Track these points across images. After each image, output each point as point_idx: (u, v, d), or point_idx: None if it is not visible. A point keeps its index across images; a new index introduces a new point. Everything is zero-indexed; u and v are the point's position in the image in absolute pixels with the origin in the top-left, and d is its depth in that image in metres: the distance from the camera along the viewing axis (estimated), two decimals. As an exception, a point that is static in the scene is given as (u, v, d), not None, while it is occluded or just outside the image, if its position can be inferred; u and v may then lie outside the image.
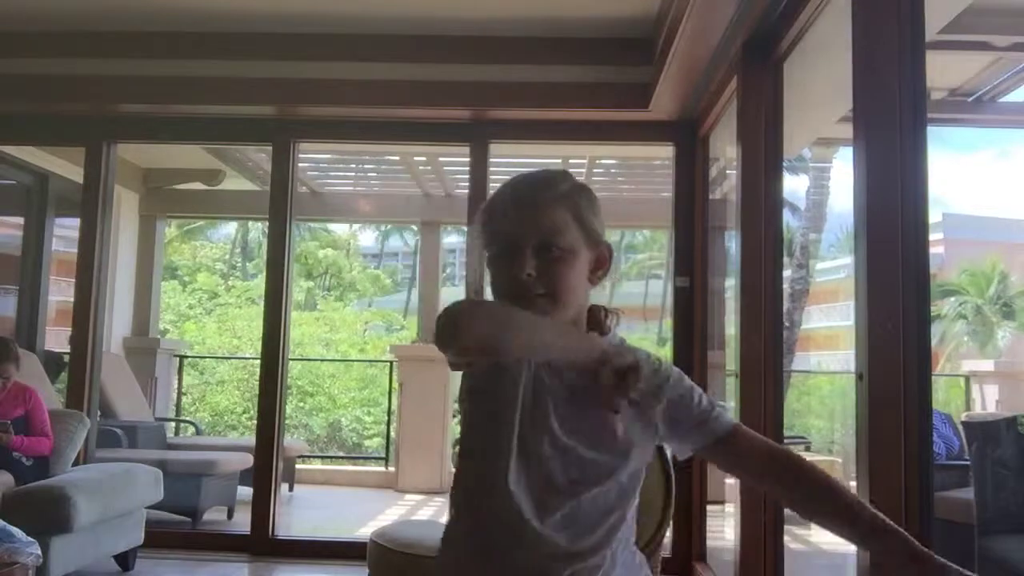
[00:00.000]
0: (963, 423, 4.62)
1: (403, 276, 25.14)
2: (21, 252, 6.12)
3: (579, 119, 4.56)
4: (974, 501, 3.53)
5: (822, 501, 1.26)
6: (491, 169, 4.69)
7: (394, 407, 7.82)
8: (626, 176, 7.18)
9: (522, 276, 1.25)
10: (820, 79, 3.59)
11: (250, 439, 5.32)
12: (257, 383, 4.75)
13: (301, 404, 10.82)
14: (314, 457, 9.35)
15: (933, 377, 2.12)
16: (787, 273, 9.36)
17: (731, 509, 3.22)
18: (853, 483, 2.12)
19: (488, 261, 1.32)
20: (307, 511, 6.45)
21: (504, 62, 4.37)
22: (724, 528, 4.03)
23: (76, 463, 4.19)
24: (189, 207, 8.45)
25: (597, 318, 1.35)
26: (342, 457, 9.98)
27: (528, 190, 1.32)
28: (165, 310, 12.52)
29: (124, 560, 4.05)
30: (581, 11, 4.10)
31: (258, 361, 4.71)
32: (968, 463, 3.85)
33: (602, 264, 1.33)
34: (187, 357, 9.47)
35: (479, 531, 1.31)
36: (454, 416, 7.27)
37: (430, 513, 6.39)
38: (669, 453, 1.73)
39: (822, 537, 6.00)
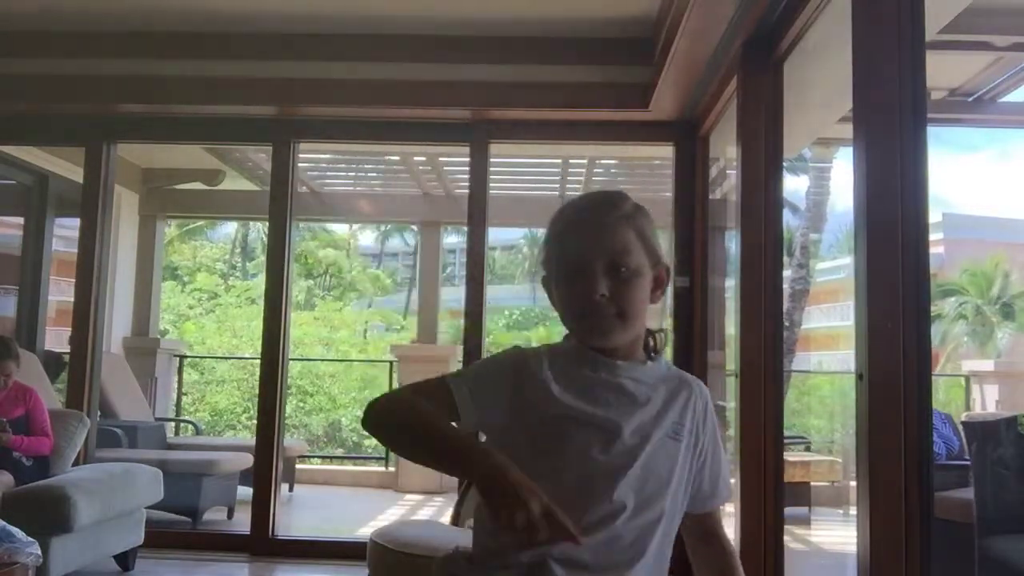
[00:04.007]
0: (963, 423, 4.62)
1: (403, 276, 25.14)
2: (21, 252, 6.12)
3: (579, 119, 4.56)
4: (974, 501, 3.53)
5: None
6: (491, 169, 4.69)
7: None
8: (626, 176, 7.18)
9: (596, 297, 1.27)
10: (820, 79, 3.59)
11: (250, 439, 5.33)
12: (257, 383, 4.75)
13: (301, 404, 10.82)
14: (314, 457, 9.36)
15: (933, 377, 2.12)
16: (787, 273, 9.35)
17: (731, 509, 3.21)
18: (853, 483, 2.12)
19: (556, 282, 1.34)
20: (307, 511, 6.45)
21: (504, 62, 4.37)
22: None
23: (76, 463, 4.19)
24: (189, 207, 8.45)
25: (646, 341, 1.37)
26: (342, 457, 9.99)
27: (594, 211, 1.34)
28: (165, 310, 12.51)
29: (124, 560, 4.05)
30: (581, 11, 4.10)
31: (258, 361, 4.71)
32: (968, 463, 3.85)
33: (660, 283, 1.36)
34: (187, 357, 9.46)
35: None
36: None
37: (430, 513, 6.39)
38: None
39: (822, 537, 6.01)
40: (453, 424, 1.27)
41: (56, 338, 6.45)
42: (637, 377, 1.32)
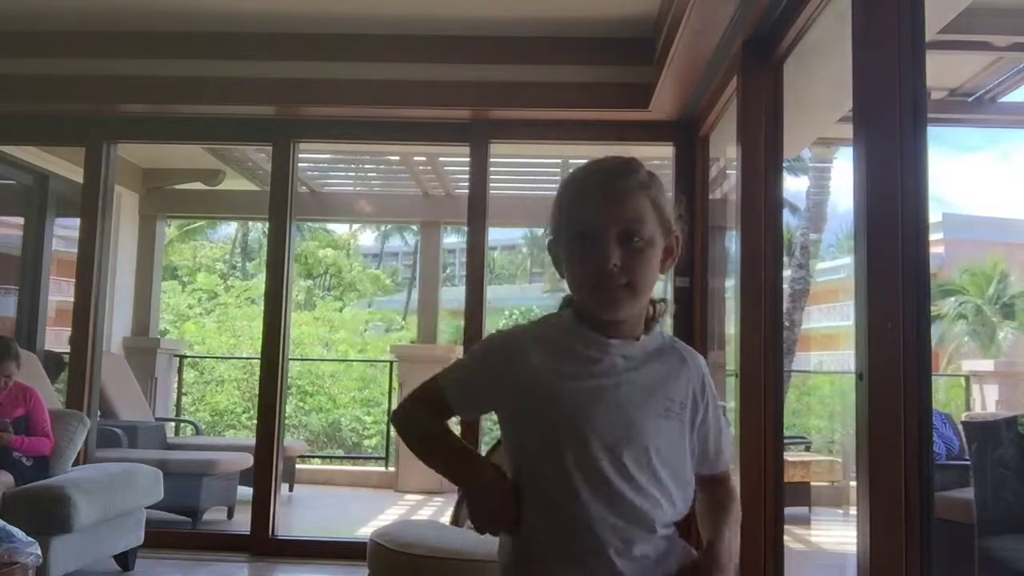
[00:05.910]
0: (963, 423, 4.62)
1: (403, 276, 25.13)
2: (21, 252, 6.12)
3: (579, 119, 4.56)
4: (974, 501, 3.53)
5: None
6: (491, 169, 4.70)
7: (394, 407, 7.81)
8: (626, 176, 7.17)
9: (608, 266, 1.25)
10: (820, 79, 3.59)
11: (250, 439, 5.33)
12: (257, 383, 4.76)
13: (301, 404, 10.83)
14: (314, 457, 9.36)
15: (933, 377, 2.12)
16: (787, 273, 9.35)
17: (731, 509, 3.21)
18: (853, 483, 2.12)
19: (566, 250, 1.31)
20: (307, 511, 6.45)
21: (504, 62, 4.37)
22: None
23: (76, 463, 4.19)
24: (189, 207, 8.46)
25: (647, 312, 1.36)
26: (342, 457, 9.99)
27: (609, 178, 1.30)
28: (165, 310, 12.51)
29: (124, 560, 4.05)
30: (581, 11, 4.10)
31: (258, 361, 4.72)
32: (968, 463, 3.85)
33: (671, 252, 1.34)
34: (187, 357, 9.46)
35: None
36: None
37: (430, 513, 6.39)
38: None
39: (822, 537, 6.01)
40: (456, 438, 1.44)
41: (56, 338, 6.46)
42: (627, 355, 1.31)
